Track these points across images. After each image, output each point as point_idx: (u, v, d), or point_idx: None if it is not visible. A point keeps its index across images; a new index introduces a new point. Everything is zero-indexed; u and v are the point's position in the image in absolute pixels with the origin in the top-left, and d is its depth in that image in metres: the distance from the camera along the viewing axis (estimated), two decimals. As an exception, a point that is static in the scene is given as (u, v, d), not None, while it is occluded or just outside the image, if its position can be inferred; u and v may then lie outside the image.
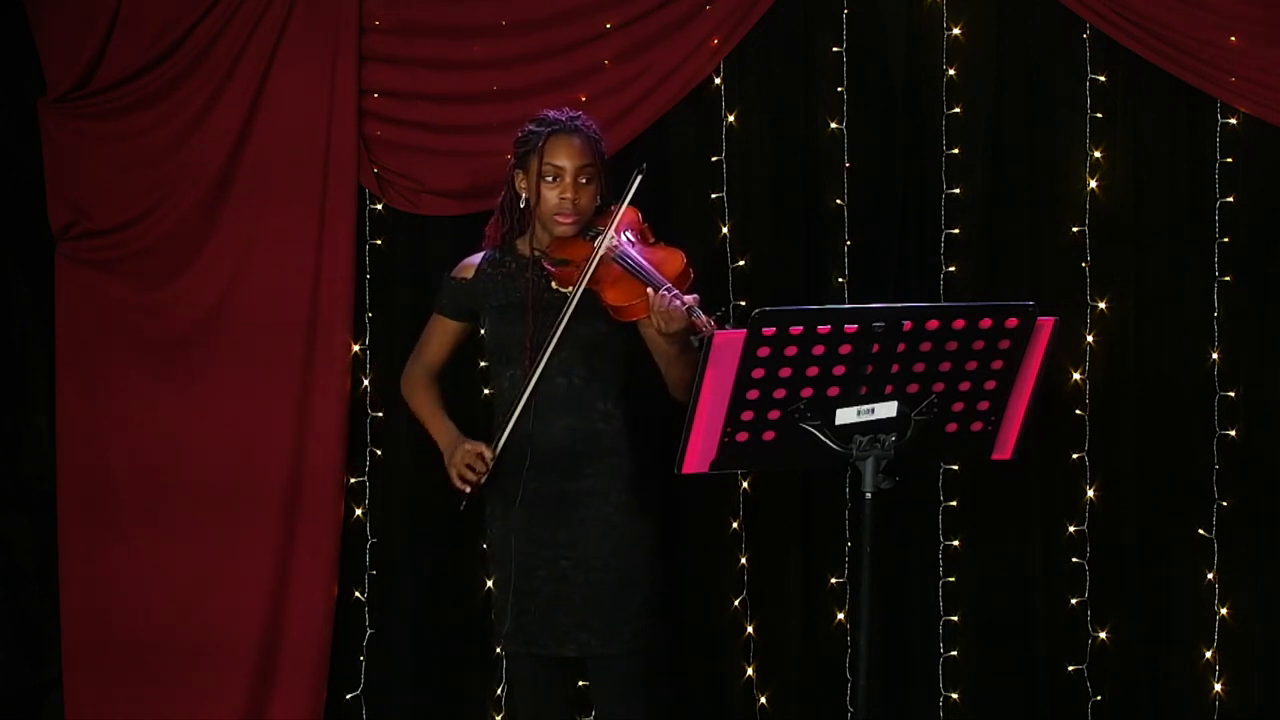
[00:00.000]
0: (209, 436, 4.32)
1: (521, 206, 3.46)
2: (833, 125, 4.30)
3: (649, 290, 3.18)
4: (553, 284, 3.34)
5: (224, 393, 4.32)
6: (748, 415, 2.87)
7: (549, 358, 3.32)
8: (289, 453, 4.30)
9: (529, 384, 3.33)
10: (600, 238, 3.32)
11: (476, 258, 3.55)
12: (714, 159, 4.30)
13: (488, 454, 3.35)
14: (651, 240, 3.43)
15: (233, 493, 4.32)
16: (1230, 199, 4.24)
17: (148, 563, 4.35)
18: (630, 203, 3.35)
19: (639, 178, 3.32)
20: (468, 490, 3.37)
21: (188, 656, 4.35)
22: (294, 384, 4.29)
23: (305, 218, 4.27)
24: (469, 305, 3.51)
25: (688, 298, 3.10)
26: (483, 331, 3.54)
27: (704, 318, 3.02)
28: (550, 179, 3.38)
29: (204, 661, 4.34)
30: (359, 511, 4.41)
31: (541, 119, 3.45)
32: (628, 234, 3.36)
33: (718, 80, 4.29)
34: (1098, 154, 4.26)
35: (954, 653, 4.37)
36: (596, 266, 3.28)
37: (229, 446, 4.32)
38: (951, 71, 4.27)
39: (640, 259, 3.28)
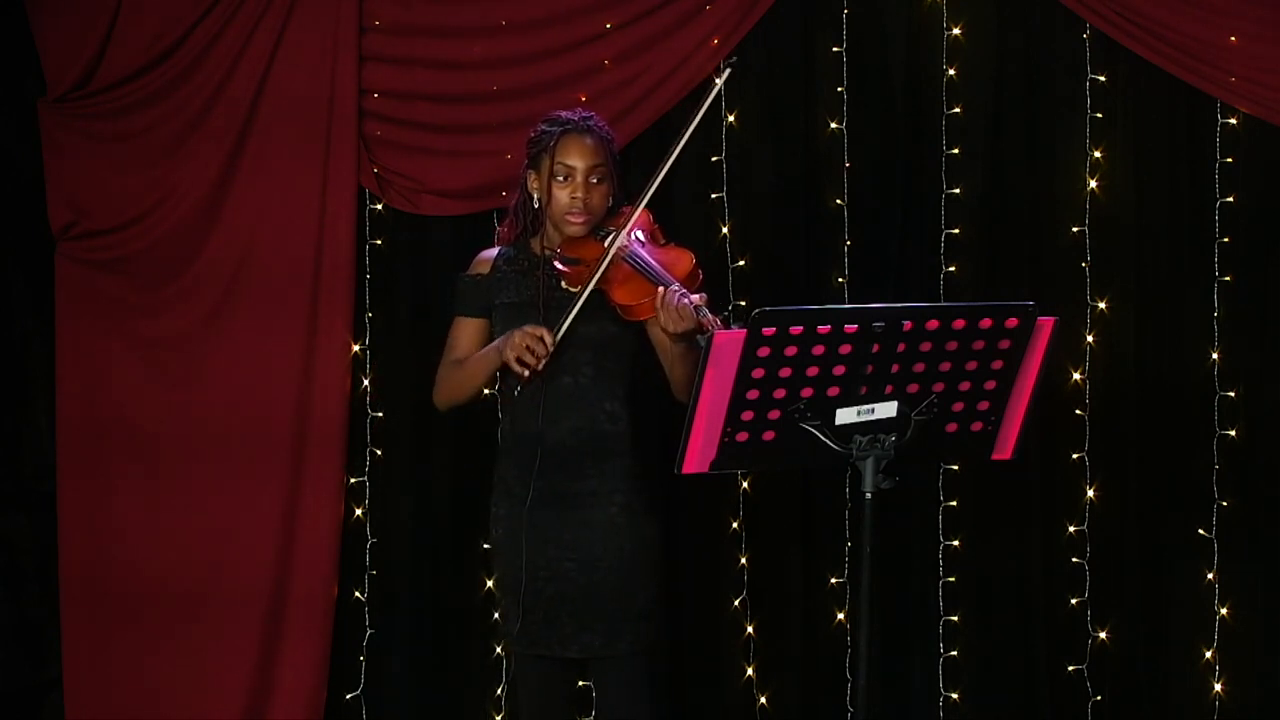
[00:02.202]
0: (209, 436, 4.32)
1: (535, 206, 3.45)
2: (833, 125, 4.30)
3: (658, 290, 3.18)
4: (563, 283, 3.33)
5: (224, 392, 4.31)
6: (748, 415, 2.87)
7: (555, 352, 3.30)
8: (289, 452, 4.30)
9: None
10: (611, 238, 3.32)
11: (492, 253, 3.54)
12: (714, 159, 4.30)
13: (549, 337, 3.24)
14: (662, 240, 3.42)
15: (232, 496, 4.32)
16: (1230, 199, 4.24)
17: (148, 564, 4.35)
18: (706, 111, 3.32)
19: (725, 77, 3.32)
20: (526, 375, 3.25)
21: (187, 657, 4.35)
22: (294, 384, 4.29)
23: (305, 217, 4.27)
24: (484, 302, 3.48)
25: (695, 297, 3.10)
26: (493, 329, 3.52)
27: (711, 317, 3.02)
28: (562, 179, 3.38)
29: (206, 664, 4.34)
30: (359, 511, 4.41)
31: (554, 119, 3.44)
32: (638, 234, 3.36)
33: (718, 80, 4.28)
34: (1098, 154, 4.27)
35: (954, 653, 4.37)
36: (609, 265, 3.28)
37: (229, 446, 4.31)
38: (951, 71, 4.28)
39: (650, 259, 3.28)
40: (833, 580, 4.36)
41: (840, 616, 4.36)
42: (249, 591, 4.32)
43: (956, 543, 4.35)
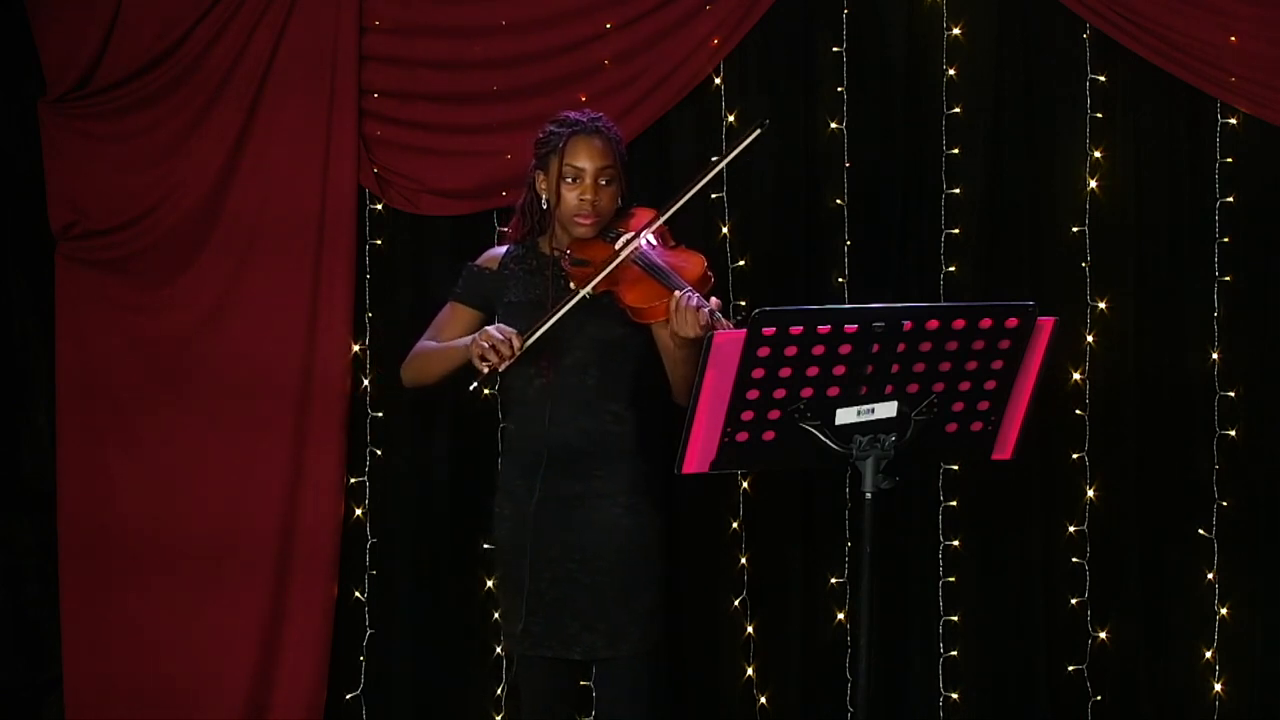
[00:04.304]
0: (208, 437, 4.32)
1: (543, 207, 3.45)
2: (833, 125, 4.30)
3: (672, 293, 3.17)
4: (571, 284, 3.33)
5: (223, 393, 4.31)
6: (748, 415, 2.87)
7: (538, 341, 3.29)
8: (288, 452, 4.30)
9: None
10: (620, 240, 3.31)
11: (501, 250, 3.54)
12: (714, 159, 4.29)
13: (517, 340, 3.21)
14: (672, 243, 3.42)
15: (232, 493, 4.32)
16: (1230, 199, 4.24)
17: (148, 563, 4.35)
18: (742, 152, 3.29)
19: (758, 131, 3.28)
20: (485, 370, 3.22)
21: (187, 657, 4.35)
22: (294, 384, 4.29)
23: (305, 217, 4.27)
24: (487, 295, 3.48)
25: (712, 301, 3.10)
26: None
27: (725, 322, 3.01)
28: (570, 180, 3.37)
29: (206, 664, 4.34)
30: (359, 511, 4.41)
31: (562, 120, 3.43)
32: (649, 237, 3.36)
33: (718, 80, 4.29)
34: (1098, 154, 4.27)
35: (954, 653, 4.37)
36: (617, 268, 3.28)
37: (229, 447, 4.32)
38: (951, 71, 4.28)
39: (661, 262, 3.28)
40: (833, 580, 4.37)
41: (840, 616, 4.36)
42: (249, 590, 4.32)
43: (956, 543, 4.35)
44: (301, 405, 4.30)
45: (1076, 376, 4.30)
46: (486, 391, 4.24)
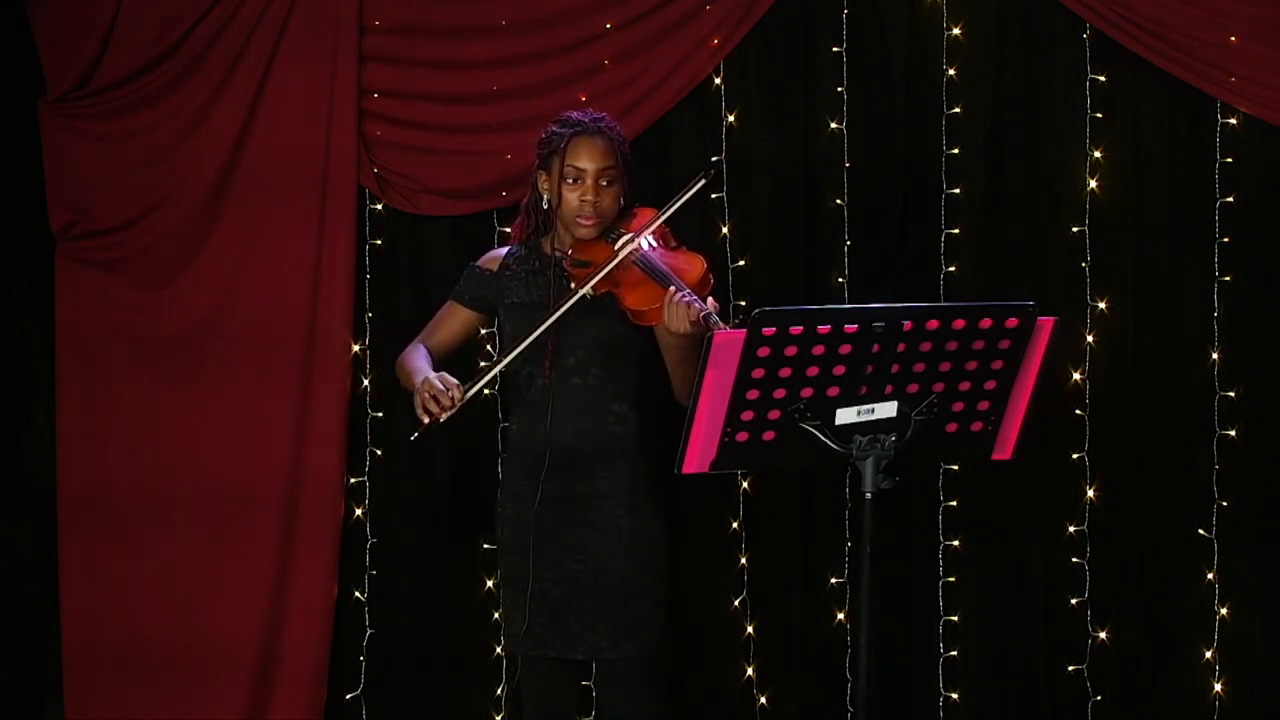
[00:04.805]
0: (209, 437, 4.32)
1: (545, 207, 3.45)
2: (833, 125, 4.30)
3: (667, 291, 3.17)
4: (573, 284, 3.33)
5: (224, 392, 4.31)
6: (748, 415, 2.87)
7: (537, 340, 3.28)
8: (289, 452, 4.30)
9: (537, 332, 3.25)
10: (620, 241, 3.31)
11: (502, 251, 3.54)
12: (714, 159, 4.29)
13: (457, 393, 3.20)
14: (673, 245, 3.42)
15: (233, 493, 4.32)
16: (1230, 199, 4.24)
17: (148, 564, 4.35)
18: (689, 200, 3.28)
19: (703, 181, 3.28)
20: (426, 421, 3.22)
21: (187, 658, 4.35)
22: (294, 384, 4.29)
23: (305, 217, 4.27)
24: (488, 297, 3.49)
25: (710, 303, 3.10)
26: (496, 328, 3.51)
27: (721, 325, 3.02)
28: (572, 180, 3.37)
29: (205, 664, 4.34)
30: (359, 511, 4.41)
31: (565, 120, 3.43)
32: (649, 238, 3.36)
33: (718, 80, 4.29)
34: (1098, 154, 4.27)
35: (954, 653, 4.37)
36: (618, 269, 3.28)
37: (229, 446, 4.32)
38: (951, 71, 4.27)
39: (661, 264, 3.28)
40: (833, 580, 4.36)
41: (840, 616, 4.36)
42: (249, 590, 4.32)
43: (956, 543, 4.35)
44: (302, 405, 4.30)
45: (1076, 376, 4.30)
46: (487, 392, 4.24)
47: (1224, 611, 4.30)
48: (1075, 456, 4.32)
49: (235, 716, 4.34)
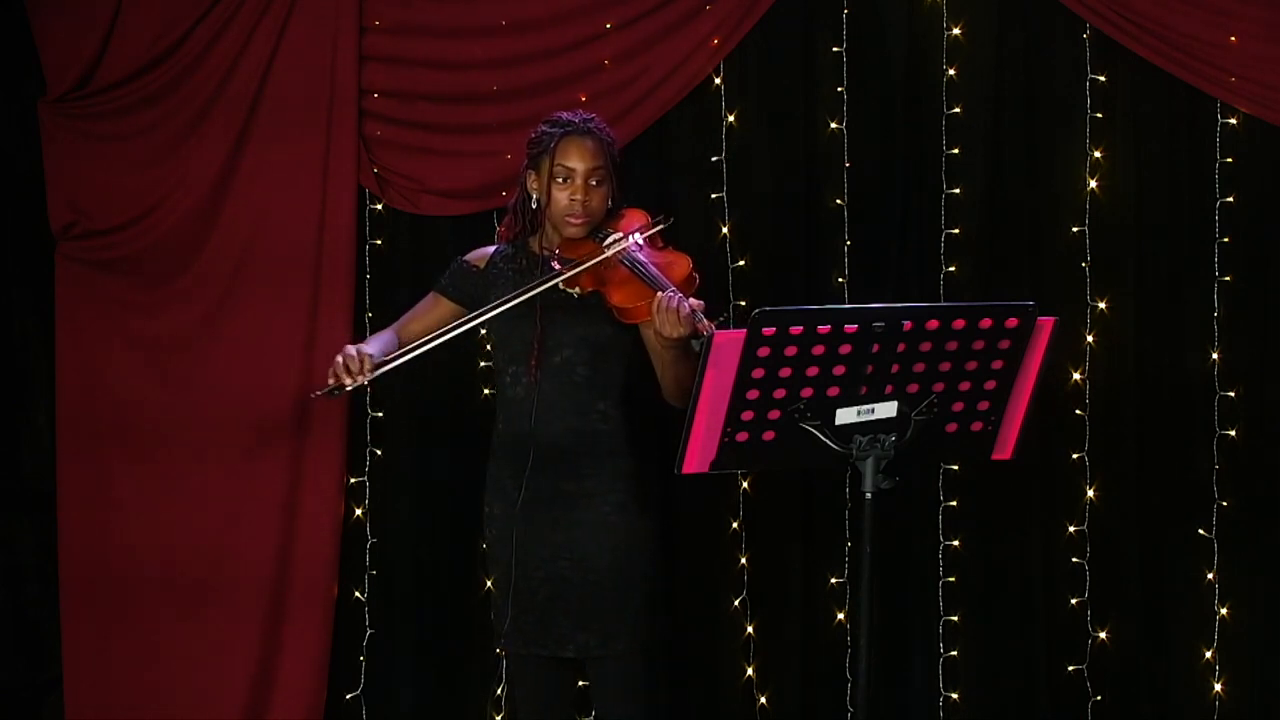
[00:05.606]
0: (209, 435, 4.32)
1: (534, 207, 3.45)
2: (833, 125, 4.30)
3: (655, 293, 3.18)
4: (559, 282, 3.34)
5: (224, 392, 4.31)
6: (748, 415, 2.87)
7: (524, 344, 3.31)
8: (289, 452, 4.30)
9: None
10: (608, 240, 3.32)
11: (490, 249, 3.55)
12: (714, 159, 4.30)
13: (368, 364, 3.22)
14: (659, 245, 3.43)
15: (231, 502, 4.33)
16: (1230, 199, 4.24)
17: (146, 564, 4.35)
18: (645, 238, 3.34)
19: (661, 225, 3.34)
20: (331, 383, 3.23)
21: (188, 655, 4.36)
22: (294, 383, 4.29)
23: (305, 217, 4.27)
24: (472, 292, 3.49)
25: (692, 302, 3.11)
26: (483, 329, 3.51)
27: (707, 323, 3.02)
28: (561, 180, 3.38)
29: (207, 664, 4.35)
30: (359, 511, 4.41)
31: (554, 120, 3.44)
32: (636, 237, 3.36)
33: (718, 80, 4.29)
34: (1098, 154, 4.27)
35: (954, 653, 4.37)
36: (604, 267, 3.29)
37: (229, 445, 4.31)
38: (951, 71, 4.27)
39: (647, 262, 3.28)
40: (833, 580, 4.36)
41: (840, 616, 4.36)
42: (249, 589, 4.33)
43: (956, 543, 4.35)
44: (302, 404, 4.29)
45: (1076, 376, 4.30)
46: (487, 391, 4.24)
47: (1224, 611, 4.30)
48: (1075, 456, 4.32)
49: (236, 716, 4.34)
